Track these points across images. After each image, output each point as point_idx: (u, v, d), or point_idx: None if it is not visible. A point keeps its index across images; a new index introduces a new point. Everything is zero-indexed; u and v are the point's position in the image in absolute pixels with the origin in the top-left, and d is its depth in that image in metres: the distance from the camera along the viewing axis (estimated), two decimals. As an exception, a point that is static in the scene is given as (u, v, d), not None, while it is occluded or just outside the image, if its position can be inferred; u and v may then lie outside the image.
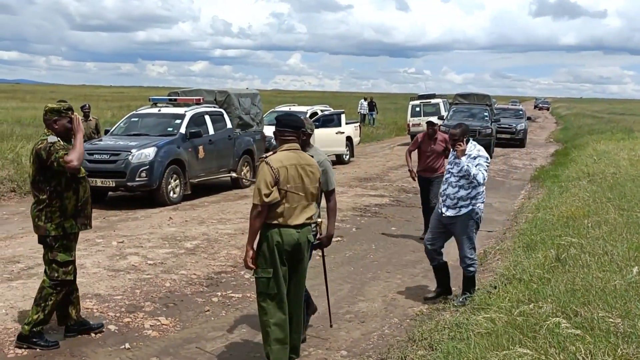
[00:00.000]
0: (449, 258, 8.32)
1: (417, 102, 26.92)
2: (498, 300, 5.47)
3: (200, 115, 12.94)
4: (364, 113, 35.27)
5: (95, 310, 5.88)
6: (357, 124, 20.96)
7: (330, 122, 18.12)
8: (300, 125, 4.66)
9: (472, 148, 6.16)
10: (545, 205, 10.43)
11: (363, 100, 36.48)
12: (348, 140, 18.85)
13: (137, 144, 11.45)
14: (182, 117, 12.55)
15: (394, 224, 10.41)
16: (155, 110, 13.44)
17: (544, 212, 9.76)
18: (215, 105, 14.11)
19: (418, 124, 25.70)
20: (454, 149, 6.20)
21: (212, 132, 12.96)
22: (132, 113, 14.11)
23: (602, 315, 4.66)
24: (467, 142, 6.14)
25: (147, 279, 6.89)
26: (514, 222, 10.45)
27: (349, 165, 18.56)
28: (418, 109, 26.32)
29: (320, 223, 4.91)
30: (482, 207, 6.26)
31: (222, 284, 6.91)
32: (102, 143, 11.85)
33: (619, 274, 5.72)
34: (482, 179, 6.01)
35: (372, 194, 13.15)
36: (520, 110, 29.89)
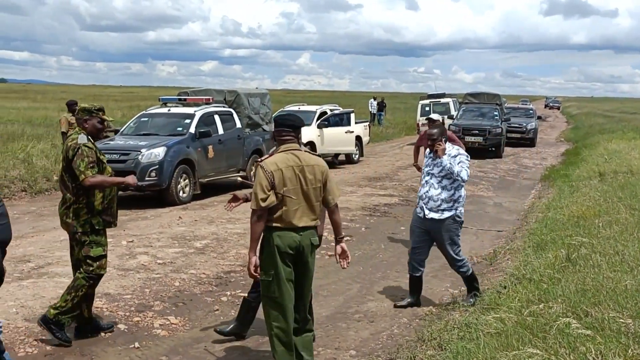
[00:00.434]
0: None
1: (426, 101, 26.85)
2: (508, 300, 5.44)
3: (210, 115, 12.97)
4: (374, 112, 35.24)
5: (105, 310, 5.90)
6: (366, 124, 20.94)
7: (340, 121, 18.11)
8: (299, 125, 4.49)
9: (450, 147, 6.05)
10: (556, 205, 10.38)
11: (373, 100, 36.45)
12: (357, 140, 18.84)
13: (146, 144, 11.49)
14: (191, 116, 12.58)
15: (403, 224, 10.38)
16: (165, 110, 13.49)
17: (555, 211, 9.71)
18: (225, 105, 14.14)
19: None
20: (433, 149, 6.04)
21: (221, 131, 12.98)
22: (142, 113, 14.16)
23: (612, 316, 4.63)
24: (445, 141, 6.05)
25: (156, 279, 6.91)
26: (524, 221, 10.41)
27: (359, 165, 18.55)
28: (428, 109, 26.24)
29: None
30: (462, 210, 6.12)
31: (231, 284, 6.92)
32: (112, 143, 11.90)
33: (630, 274, 5.69)
34: (466, 176, 5.90)
35: (381, 194, 13.13)
36: (531, 110, 29.77)
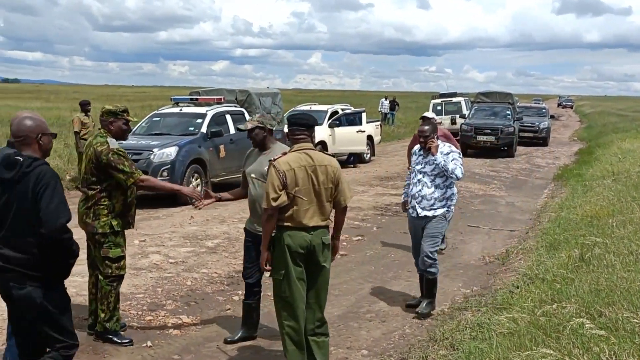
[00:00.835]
0: (471, 256, 8.30)
1: (438, 100, 26.79)
2: (520, 300, 5.41)
3: (222, 115, 12.99)
4: (385, 112, 35.17)
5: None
6: (378, 123, 20.90)
7: (351, 121, 18.09)
8: (312, 123, 4.49)
9: (442, 144, 5.96)
10: (569, 205, 10.32)
11: (384, 99, 36.38)
12: (369, 139, 18.80)
13: (158, 144, 11.53)
14: (203, 116, 12.61)
15: (415, 223, 10.37)
16: (177, 110, 13.53)
17: (568, 211, 9.66)
18: (236, 105, 14.17)
19: (439, 123, 25.52)
20: (425, 147, 5.92)
21: (233, 131, 13.00)
22: (154, 113, 14.21)
23: (626, 316, 4.60)
24: (437, 138, 5.96)
25: (168, 278, 6.93)
26: (537, 221, 10.35)
27: (370, 164, 18.53)
28: (439, 108, 26.19)
29: None
30: (453, 208, 6.07)
31: (242, 283, 6.88)
32: (124, 142, 11.91)
33: (645, 274, 5.64)
34: (460, 174, 5.81)
35: (392, 193, 13.10)
36: (544, 109, 29.60)
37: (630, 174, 12.70)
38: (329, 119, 17.33)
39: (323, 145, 16.10)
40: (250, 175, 5.03)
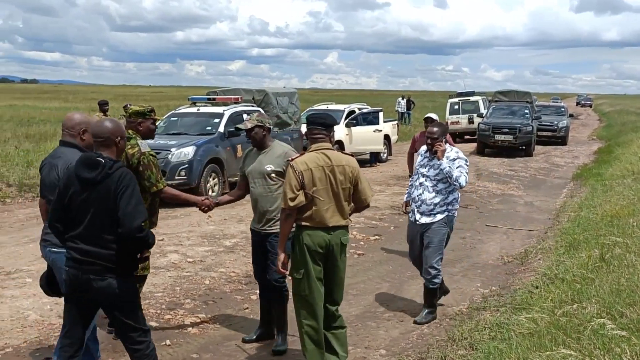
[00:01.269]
0: (489, 256, 8.25)
1: (455, 100, 26.66)
2: (540, 300, 5.37)
3: (239, 114, 13.03)
4: (402, 111, 35.06)
5: (137, 307, 5.96)
6: (394, 122, 20.85)
7: (368, 120, 18.07)
8: (331, 123, 4.50)
9: (449, 149, 5.69)
10: (589, 204, 10.23)
11: (400, 99, 36.27)
12: (386, 139, 18.76)
13: (176, 143, 11.59)
14: (220, 116, 12.66)
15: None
16: (194, 110, 13.60)
17: (587, 210, 9.57)
18: (254, 104, 14.20)
19: (457, 122, 25.46)
20: (432, 150, 5.69)
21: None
22: (171, 112, 14.29)
23: (648, 317, 4.54)
24: (445, 142, 5.70)
25: (186, 277, 6.96)
26: (556, 221, 10.27)
27: (387, 164, 18.49)
28: (457, 107, 26.06)
29: None
30: (456, 213, 5.84)
31: (260, 282, 6.93)
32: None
33: (667, 274, 5.57)
34: (464, 182, 5.54)
35: (410, 193, 13.05)
36: (562, 108, 29.35)
37: (651, 173, 12.57)
38: (346, 119, 17.32)
39: (340, 145, 16.09)
40: (251, 175, 5.02)
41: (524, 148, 21.27)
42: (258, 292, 6.53)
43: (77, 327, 3.79)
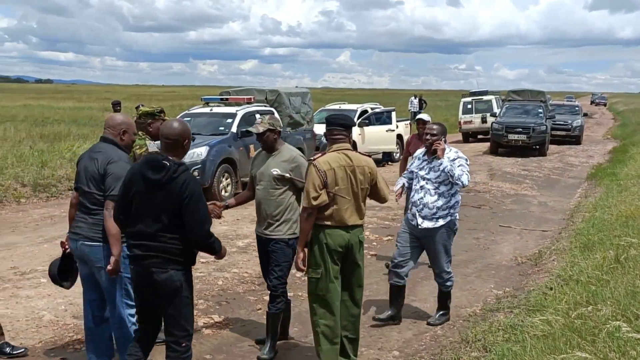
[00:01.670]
0: (503, 257, 8.21)
1: (468, 99, 26.54)
2: (554, 302, 5.33)
3: (252, 115, 13.03)
4: (414, 111, 34.98)
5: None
6: (407, 122, 20.80)
7: (381, 120, 18.03)
8: (350, 124, 4.58)
9: (448, 149, 5.58)
10: (603, 204, 10.15)
11: (413, 98, 36.18)
12: (399, 138, 18.72)
13: (189, 143, 11.61)
14: (233, 116, 12.68)
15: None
16: (207, 110, 13.62)
17: (602, 211, 9.50)
18: (266, 105, 14.21)
19: (470, 122, 25.36)
20: (431, 149, 5.56)
21: (263, 131, 13.05)
22: (184, 112, 14.32)
23: (664, 319, 4.50)
24: (445, 142, 5.58)
25: (200, 277, 6.98)
26: (570, 221, 10.20)
27: (399, 164, 18.42)
28: (470, 106, 25.95)
29: None
30: (458, 216, 5.68)
31: (273, 283, 6.93)
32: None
33: (683, 276, 5.52)
34: (466, 181, 5.41)
35: (423, 193, 13.01)
36: (576, 106, 29.14)
37: (667, 173, 12.46)
38: (359, 118, 17.29)
39: (353, 145, 16.05)
40: (258, 178, 5.01)
41: (538, 147, 21.13)
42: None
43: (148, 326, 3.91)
